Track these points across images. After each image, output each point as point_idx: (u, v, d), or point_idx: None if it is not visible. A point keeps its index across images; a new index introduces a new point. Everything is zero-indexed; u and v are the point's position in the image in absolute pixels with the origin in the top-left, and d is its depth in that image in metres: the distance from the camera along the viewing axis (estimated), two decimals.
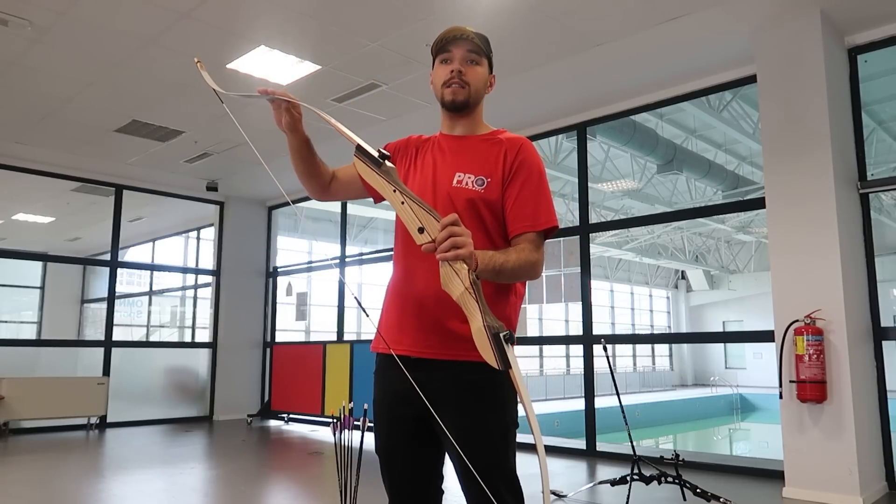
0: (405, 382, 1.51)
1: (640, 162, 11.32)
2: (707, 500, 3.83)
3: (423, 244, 1.36)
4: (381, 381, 1.66)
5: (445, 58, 1.69)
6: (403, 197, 1.41)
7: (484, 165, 1.63)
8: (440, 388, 1.52)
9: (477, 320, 1.31)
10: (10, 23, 4.44)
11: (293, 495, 4.65)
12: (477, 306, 1.31)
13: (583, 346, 5.91)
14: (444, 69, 1.68)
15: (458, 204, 1.59)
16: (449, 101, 1.68)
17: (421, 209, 1.38)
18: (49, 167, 7.69)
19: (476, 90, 1.68)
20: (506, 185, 1.61)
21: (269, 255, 9.69)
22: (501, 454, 1.53)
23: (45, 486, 4.63)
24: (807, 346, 4.05)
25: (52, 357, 8.63)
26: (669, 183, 12.96)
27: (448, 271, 1.34)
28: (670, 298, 24.67)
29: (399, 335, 1.59)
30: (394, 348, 1.56)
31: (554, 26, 4.51)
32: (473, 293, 1.31)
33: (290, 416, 8.43)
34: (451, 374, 1.52)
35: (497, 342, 1.28)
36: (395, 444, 1.62)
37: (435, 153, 1.71)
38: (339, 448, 2.78)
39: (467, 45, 1.67)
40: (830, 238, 4.12)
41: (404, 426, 1.60)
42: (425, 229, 1.36)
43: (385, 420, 1.64)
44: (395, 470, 1.62)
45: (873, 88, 6.80)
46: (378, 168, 1.47)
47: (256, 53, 4.91)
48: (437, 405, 1.49)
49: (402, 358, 1.52)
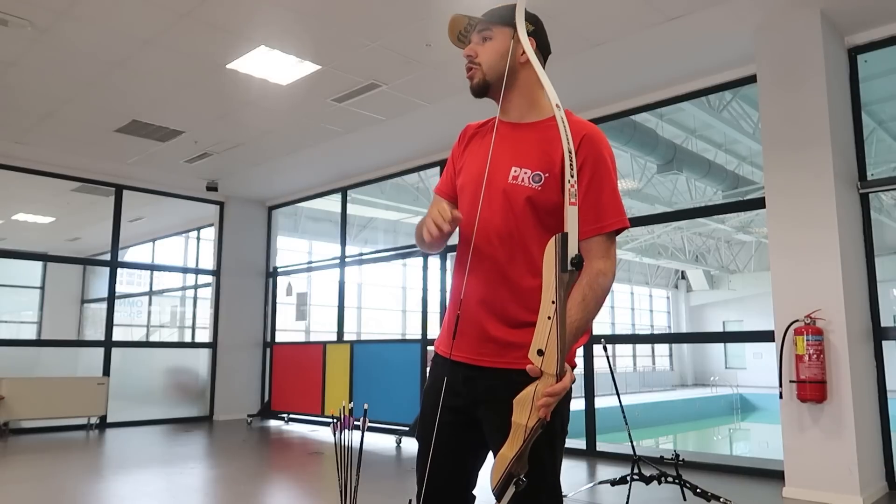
0: (455, 378, 1.53)
1: (640, 162, 11.32)
2: (707, 500, 3.83)
3: (533, 366, 1.33)
4: (434, 371, 1.63)
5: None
6: (555, 316, 1.30)
7: (542, 159, 1.49)
8: (491, 388, 1.49)
9: (511, 452, 1.33)
10: (10, 23, 4.44)
11: (293, 495, 4.65)
12: (520, 446, 1.33)
13: (583, 346, 5.91)
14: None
15: (516, 203, 1.48)
16: (470, 88, 1.59)
17: (556, 340, 1.30)
18: (49, 167, 7.69)
19: (490, 66, 1.56)
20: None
21: (269, 255, 9.69)
22: (547, 462, 1.47)
23: (45, 485, 4.64)
24: (807, 346, 4.05)
25: (52, 357, 8.62)
26: (669, 183, 12.96)
27: (528, 398, 1.33)
28: (670, 298, 24.67)
29: (456, 340, 1.56)
30: (450, 352, 1.55)
31: (554, 26, 4.49)
32: (526, 435, 1.32)
33: (290, 416, 8.43)
34: (503, 377, 1.48)
35: (506, 482, 1.34)
36: (437, 431, 1.54)
37: (490, 141, 1.58)
38: (339, 448, 2.78)
39: (479, 25, 1.58)
40: (830, 238, 4.12)
41: (448, 416, 1.54)
42: (544, 356, 1.32)
43: (430, 407, 1.57)
44: (431, 458, 1.54)
45: (873, 88, 6.80)
46: (562, 271, 1.29)
47: (256, 53, 4.91)
48: (486, 403, 1.49)
49: (458, 363, 1.54)
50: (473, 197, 1.55)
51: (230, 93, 5.65)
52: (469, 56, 1.59)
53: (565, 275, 1.28)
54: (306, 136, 6.78)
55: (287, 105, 5.90)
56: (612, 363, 4.54)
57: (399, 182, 8.72)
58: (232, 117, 6.28)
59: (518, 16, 1.51)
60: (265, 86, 5.48)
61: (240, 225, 9.41)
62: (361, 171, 8.19)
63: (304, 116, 6.20)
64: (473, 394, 1.53)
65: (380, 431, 6.96)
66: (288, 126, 6.49)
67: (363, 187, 8.91)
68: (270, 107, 5.96)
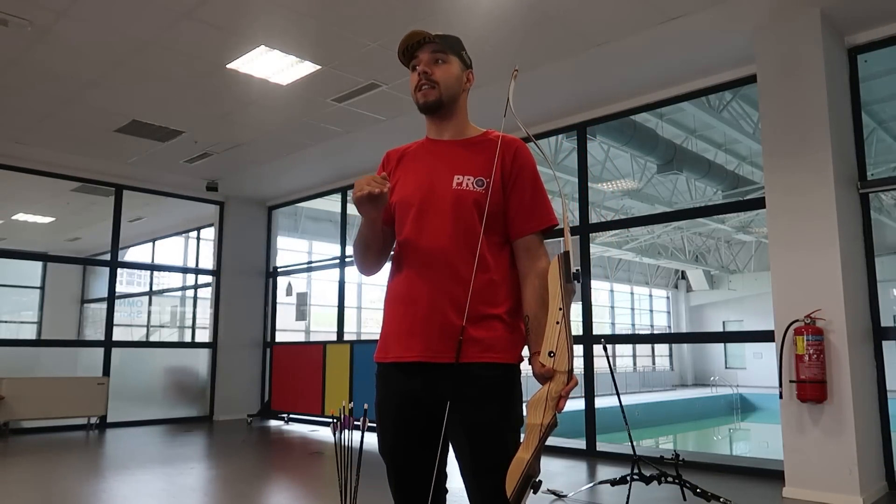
0: (412, 384, 1.55)
1: (640, 162, 11.33)
2: (707, 500, 3.83)
3: (544, 368, 1.43)
4: (384, 384, 1.64)
5: (414, 64, 1.71)
6: (563, 321, 1.44)
7: (482, 167, 1.63)
8: (455, 387, 1.52)
9: (527, 453, 1.39)
10: (10, 23, 4.44)
11: (293, 495, 4.65)
12: (536, 445, 1.39)
13: (583, 346, 5.91)
14: (414, 75, 1.70)
15: (465, 204, 1.59)
16: (422, 103, 1.69)
17: (565, 341, 1.42)
18: (49, 167, 7.69)
19: (447, 87, 1.67)
20: (508, 190, 1.61)
21: (269, 255, 9.69)
22: (511, 452, 1.52)
23: (45, 485, 4.63)
24: (807, 346, 4.05)
25: (52, 357, 8.62)
26: (669, 183, 12.97)
27: (542, 398, 1.42)
28: (670, 298, 24.68)
29: (409, 340, 1.57)
30: (404, 354, 1.57)
31: (554, 26, 4.51)
32: (542, 433, 1.40)
33: (290, 416, 8.43)
34: (464, 373, 1.52)
35: (525, 485, 1.39)
36: (404, 445, 1.60)
37: (426, 157, 1.70)
38: (339, 448, 2.78)
39: (431, 47, 1.67)
40: (830, 238, 4.12)
41: (413, 427, 1.58)
42: (556, 356, 1.43)
43: (391, 422, 1.62)
44: (402, 471, 1.61)
45: (873, 88, 6.81)
46: (567, 282, 1.46)
47: (256, 53, 4.91)
48: (452, 404, 1.51)
49: (410, 364, 1.56)
50: (421, 203, 1.64)
51: (230, 93, 5.65)
52: (426, 73, 1.67)
53: (570, 285, 1.44)
54: (306, 136, 6.78)
55: (287, 105, 5.90)
56: (612, 363, 4.55)
57: None
58: (232, 117, 6.27)
59: (462, 48, 1.72)
60: (265, 86, 5.48)
61: (240, 225, 9.41)
62: (361, 171, 8.18)
63: (304, 116, 6.19)
64: (434, 395, 1.53)
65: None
66: (288, 126, 6.49)
67: None
68: (270, 107, 5.96)
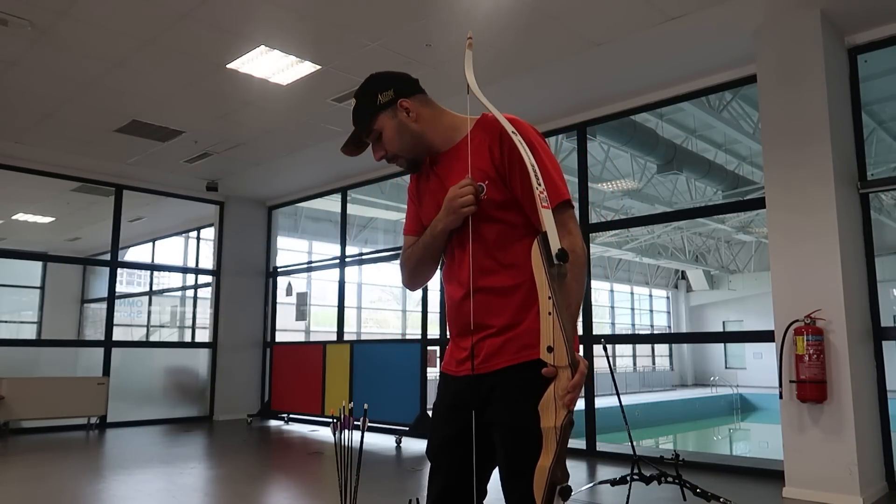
0: (464, 384, 1.57)
1: (640, 162, 11.32)
2: (707, 500, 3.83)
3: (547, 367, 1.34)
4: (443, 384, 1.68)
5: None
6: (554, 310, 1.34)
7: (477, 170, 1.58)
8: (495, 385, 1.53)
9: (547, 460, 1.33)
10: (10, 23, 4.44)
11: (293, 495, 4.65)
12: (555, 449, 1.32)
13: (583, 346, 5.92)
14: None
15: (480, 215, 1.57)
16: (406, 170, 1.76)
17: (561, 333, 1.33)
18: (49, 167, 7.70)
19: (402, 147, 1.67)
20: (510, 181, 1.54)
21: (269, 255, 9.69)
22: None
23: (45, 485, 4.63)
24: (807, 346, 4.05)
25: (52, 357, 8.62)
26: (669, 183, 12.96)
27: (550, 399, 1.34)
28: (670, 298, 24.67)
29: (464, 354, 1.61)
30: (459, 369, 1.60)
31: (554, 26, 4.51)
32: (559, 435, 1.32)
33: (290, 416, 8.43)
34: (505, 374, 1.52)
35: (551, 493, 1.31)
36: (451, 441, 1.61)
37: (433, 179, 1.71)
38: (339, 448, 2.78)
39: (364, 135, 1.69)
40: (830, 238, 4.12)
41: (461, 425, 1.58)
42: (554, 350, 1.34)
43: (443, 419, 1.65)
44: (445, 469, 1.62)
45: (873, 88, 6.80)
46: (550, 266, 1.35)
47: (256, 53, 4.91)
48: (492, 403, 1.52)
49: (466, 377, 1.57)
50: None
51: (230, 93, 5.65)
52: (383, 157, 1.70)
53: (553, 269, 1.34)
54: (306, 136, 6.78)
55: (287, 105, 5.90)
56: (612, 363, 4.55)
57: (399, 182, 8.72)
58: (232, 117, 6.27)
59: (376, 97, 1.66)
60: (265, 86, 5.48)
61: (240, 225, 9.41)
62: (361, 171, 8.19)
63: (304, 116, 6.19)
64: (478, 396, 1.54)
65: (380, 431, 6.97)
66: (288, 126, 6.49)
67: (363, 187, 8.91)
68: (270, 107, 5.96)
